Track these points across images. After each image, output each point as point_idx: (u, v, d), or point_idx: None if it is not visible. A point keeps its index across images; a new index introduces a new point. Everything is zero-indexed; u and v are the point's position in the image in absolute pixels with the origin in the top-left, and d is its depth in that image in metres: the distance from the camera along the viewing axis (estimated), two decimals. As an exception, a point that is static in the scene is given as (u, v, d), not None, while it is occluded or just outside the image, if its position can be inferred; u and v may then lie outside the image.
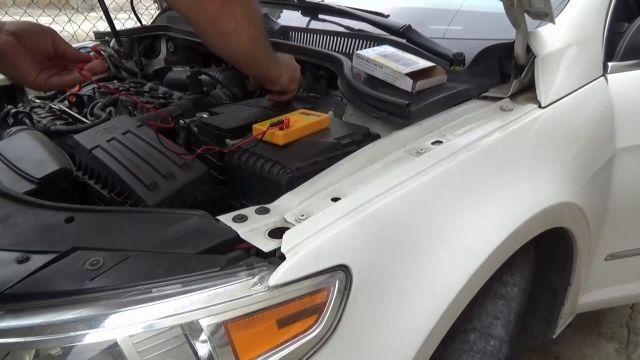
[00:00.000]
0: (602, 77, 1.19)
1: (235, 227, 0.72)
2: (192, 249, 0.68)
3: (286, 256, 0.66)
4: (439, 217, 0.82)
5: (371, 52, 1.14)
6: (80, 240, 0.70)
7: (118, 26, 1.89)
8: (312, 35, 1.35)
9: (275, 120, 0.96)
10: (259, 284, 0.64)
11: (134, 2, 1.97)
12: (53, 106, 1.41)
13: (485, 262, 0.83)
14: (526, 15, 1.02)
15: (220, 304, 0.62)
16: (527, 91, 1.09)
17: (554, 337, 1.36)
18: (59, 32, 0.99)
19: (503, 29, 1.08)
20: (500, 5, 1.01)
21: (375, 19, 1.29)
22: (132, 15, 2.08)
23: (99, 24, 3.16)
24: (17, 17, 3.71)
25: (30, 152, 1.03)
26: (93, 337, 0.60)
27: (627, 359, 1.78)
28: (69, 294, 0.62)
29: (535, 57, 1.07)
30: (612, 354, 1.79)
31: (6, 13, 4.04)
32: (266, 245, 0.69)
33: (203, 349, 0.62)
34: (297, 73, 1.13)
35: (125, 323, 0.61)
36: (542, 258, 1.18)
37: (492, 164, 0.93)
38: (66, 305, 0.61)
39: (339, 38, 1.31)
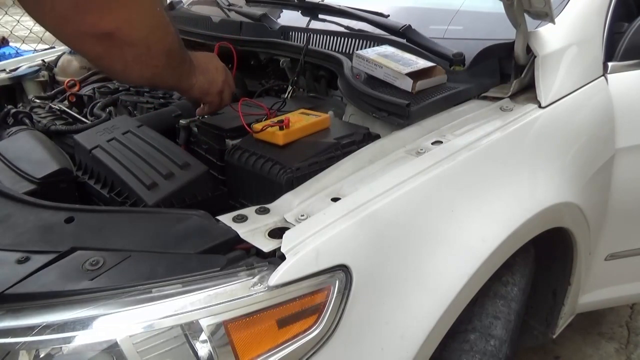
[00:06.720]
0: (602, 77, 1.19)
1: (235, 227, 0.72)
2: (192, 249, 0.68)
3: (286, 256, 0.66)
4: (439, 217, 0.82)
5: (371, 52, 1.14)
6: (80, 240, 0.70)
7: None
8: (312, 35, 1.35)
9: (275, 119, 0.96)
10: (259, 284, 0.64)
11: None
12: (53, 106, 1.41)
13: (486, 262, 0.83)
14: (526, 15, 1.02)
15: (220, 304, 0.63)
16: (527, 91, 1.09)
17: (554, 337, 1.36)
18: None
19: (503, 29, 1.08)
20: (500, 5, 1.01)
21: (375, 19, 1.29)
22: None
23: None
24: (17, 17, 3.71)
25: (30, 152, 1.03)
26: (93, 337, 0.60)
27: (627, 359, 1.78)
28: (69, 294, 0.62)
29: (535, 57, 1.07)
30: (612, 354, 1.79)
31: (6, 13, 4.04)
32: (266, 245, 0.69)
33: (203, 349, 0.62)
34: (217, 75, 1.02)
35: (125, 323, 0.61)
36: (542, 258, 1.18)
37: (492, 164, 0.93)
38: (66, 305, 0.62)
39: (339, 38, 1.31)
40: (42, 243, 0.70)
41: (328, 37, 1.33)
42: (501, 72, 1.12)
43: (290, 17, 1.62)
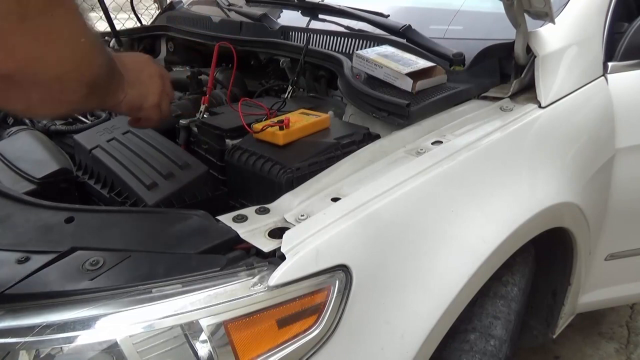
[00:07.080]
0: (602, 77, 1.19)
1: (235, 227, 0.72)
2: (192, 249, 0.68)
3: (286, 256, 0.66)
4: (439, 217, 0.82)
5: (371, 52, 1.14)
6: (80, 240, 0.70)
7: (118, 26, 1.89)
8: (312, 35, 1.35)
9: (275, 119, 0.96)
10: (259, 284, 0.64)
11: (134, 2, 1.97)
12: (53, 106, 1.41)
13: (486, 262, 0.83)
14: (526, 15, 1.02)
15: (220, 304, 0.62)
16: (527, 91, 1.09)
17: (554, 337, 1.36)
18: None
19: (503, 29, 1.08)
20: (500, 5, 1.01)
21: (375, 19, 1.29)
22: (132, 15, 2.08)
23: (99, 24, 3.15)
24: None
25: (30, 152, 1.03)
26: (93, 337, 0.60)
27: (627, 359, 1.78)
28: (69, 294, 0.62)
29: (535, 57, 1.07)
30: (612, 354, 1.79)
31: (6, 13, 4.03)
32: (266, 245, 0.69)
33: (203, 349, 0.62)
34: (152, 86, 0.83)
35: (125, 323, 0.61)
36: (542, 258, 1.18)
37: (492, 164, 0.93)
38: (66, 305, 0.61)
39: (339, 38, 1.31)
40: (42, 243, 0.70)
41: (328, 37, 1.33)
42: (501, 72, 1.12)
43: (290, 17, 1.62)
